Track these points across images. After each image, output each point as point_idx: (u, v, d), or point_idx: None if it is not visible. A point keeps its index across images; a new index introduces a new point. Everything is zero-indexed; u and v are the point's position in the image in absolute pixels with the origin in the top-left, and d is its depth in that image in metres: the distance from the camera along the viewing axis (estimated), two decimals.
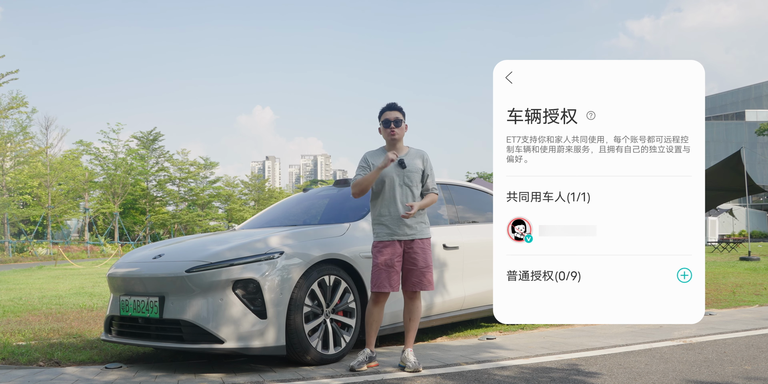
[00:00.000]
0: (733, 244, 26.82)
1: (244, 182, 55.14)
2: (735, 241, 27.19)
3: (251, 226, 5.40)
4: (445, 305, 5.04)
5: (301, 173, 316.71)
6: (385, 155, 3.97)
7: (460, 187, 5.87)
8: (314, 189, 5.99)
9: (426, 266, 3.97)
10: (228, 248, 4.04)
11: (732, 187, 21.79)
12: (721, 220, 45.50)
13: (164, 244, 4.74)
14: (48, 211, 33.38)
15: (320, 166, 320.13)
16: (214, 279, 3.84)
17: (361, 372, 3.81)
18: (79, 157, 41.58)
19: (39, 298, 8.80)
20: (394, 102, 4.09)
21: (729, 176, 20.80)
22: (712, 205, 24.97)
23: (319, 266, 4.12)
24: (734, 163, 19.99)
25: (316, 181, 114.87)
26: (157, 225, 45.37)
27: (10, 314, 6.94)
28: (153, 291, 4.02)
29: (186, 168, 46.19)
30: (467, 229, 5.51)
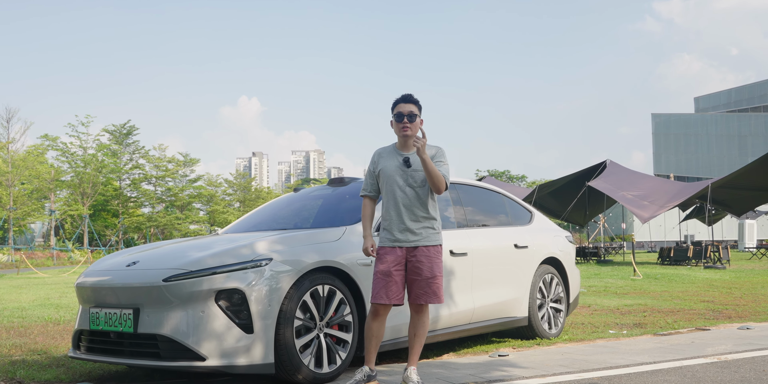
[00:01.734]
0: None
1: (228, 181, 55.18)
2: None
3: (236, 230, 5.40)
4: (452, 318, 5.04)
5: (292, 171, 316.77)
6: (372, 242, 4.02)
7: (469, 186, 5.87)
8: (306, 189, 5.98)
9: (432, 276, 3.96)
10: (210, 255, 4.03)
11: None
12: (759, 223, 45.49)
13: (139, 250, 4.74)
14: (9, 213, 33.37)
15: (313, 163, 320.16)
16: (194, 289, 3.84)
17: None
18: (44, 154, 41.60)
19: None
20: (410, 93, 4.09)
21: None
22: (750, 207, 24.98)
23: (312, 275, 4.11)
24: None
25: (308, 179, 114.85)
26: (131, 229, 45.39)
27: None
28: (126, 302, 4.01)
29: (163, 165, 46.21)
30: (477, 233, 5.51)
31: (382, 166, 4.07)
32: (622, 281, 13.74)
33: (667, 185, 23.77)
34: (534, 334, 5.86)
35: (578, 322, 7.04)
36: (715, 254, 21.31)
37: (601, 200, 25.88)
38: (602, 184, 22.95)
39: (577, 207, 26.63)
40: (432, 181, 3.92)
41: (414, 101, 4.06)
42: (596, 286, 12.27)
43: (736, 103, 76.93)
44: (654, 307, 8.63)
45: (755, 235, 36.16)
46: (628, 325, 6.83)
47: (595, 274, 16.42)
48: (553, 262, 6.23)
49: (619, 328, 6.61)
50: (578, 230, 45.84)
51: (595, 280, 13.95)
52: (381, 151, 4.16)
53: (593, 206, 27.55)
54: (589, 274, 15.99)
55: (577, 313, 7.93)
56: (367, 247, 3.99)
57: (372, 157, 4.18)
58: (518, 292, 5.72)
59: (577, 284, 6.57)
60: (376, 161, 4.14)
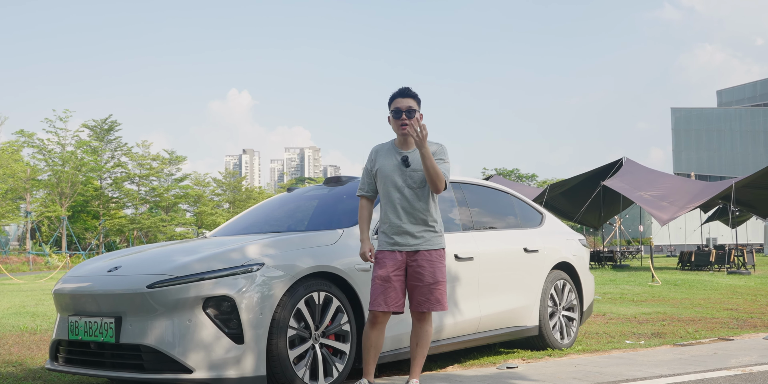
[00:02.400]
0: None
1: (217, 180, 55.19)
2: None
3: (225, 233, 5.40)
4: (457, 327, 5.04)
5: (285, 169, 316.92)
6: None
7: (475, 186, 5.88)
8: (300, 188, 5.99)
9: (434, 282, 3.97)
10: (197, 259, 4.04)
11: None
12: None
13: (121, 254, 4.74)
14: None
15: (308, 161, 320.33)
16: (180, 296, 3.84)
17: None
18: (19, 151, 41.59)
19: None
20: (407, 87, 4.09)
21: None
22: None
23: (307, 281, 4.12)
24: None
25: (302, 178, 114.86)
26: (112, 231, 45.38)
27: None
28: (108, 310, 4.02)
29: (147, 163, 46.22)
30: (484, 236, 5.52)
31: (380, 164, 4.08)
32: (639, 288, 13.74)
33: (688, 185, 23.78)
34: (545, 344, 5.86)
35: (592, 332, 7.04)
36: (740, 259, 21.31)
37: (617, 201, 25.90)
38: (618, 184, 22.96)
39: (591, 208, 26.64)
40: (431, 179, 3.92)
41: (412, 95, 4.06)
42: (612, 293, 12.27)
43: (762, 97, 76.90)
44: (674, 315, 8.63)
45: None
46: (646, 335, 6.84)
47: (611, 280, 16.43)
48: (566, 267, 6.24)
49: (636, 338, 6.61)
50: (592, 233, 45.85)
51: (611, 287, 13.95)
52: (379, 149, 4.16)
53: (608, 207, 27.56)
54: (604, 280, 16.00)
55: (591, 322, 7.93)
56: (365, 251, 3.99)
57: (369, 155, 4.18)
58: (528, 300, 5.72)
59: (591, 291, 6.57)
60: (373, 159, 4.14)
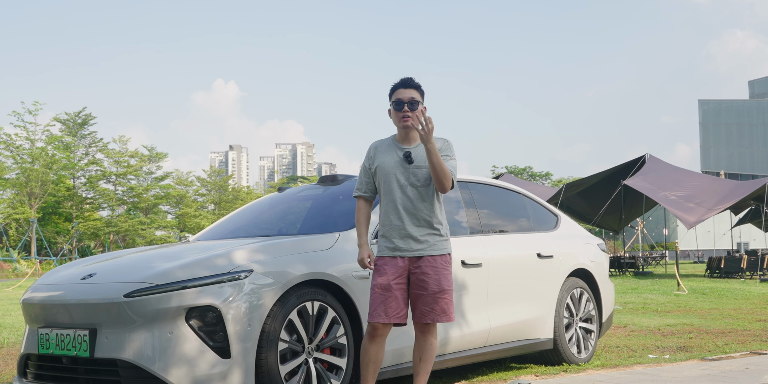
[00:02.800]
0: None
1: (201, 179, 55.24)
2: None
3: (210, 237, 5.40)
4: (464, 340, 5.04)
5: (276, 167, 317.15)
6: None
7: (484, 185, 5.88)
8: (293, 188, 5.99)
9: (440, 291, 3.97)
10: (180, 266, 4.04)
11: None
12: None
13: (96, 260, 4.74)
14: None
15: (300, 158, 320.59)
16: (161, 306, 3.84)
17: None
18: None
19: None
20: (410, 77, 4.11)
21: None
22: None
23: (300, 289, 4.12)
24: None
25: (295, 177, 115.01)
26: (86, 235, 45.41)
27: None
28: (81, 322, 4.01)
29: (125, 161, 46.25)
30: (493, 240, 5.52)
31: (380, 161, 4.08)
32: (663, 297, 13.75)
33: (717, 184, 23.80)
34: (560, 358, 5.87)
35: (612, 345, 7.04)
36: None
37: (639, 202, 25.90)
38: (641, 183, 22.97)
39: (610, 210, 26.65)
40: (437, 176, 3.92)
41: (415, 86, 4.07)
42: (633, 303, 12.28)
43: None
44: (701, 327, 8.63)
45: None
46: (671, 349, 6.84)
47: (633, 288, 16.43)
48: (583, 274, 6.24)
49: (660, 352, 6.61)
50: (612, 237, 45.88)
51: (633, 296, 13.95)
52: (378, 145, 4.17)
53: (630, 209, 27.57)
54: (625, 289, 16.00)
55: (611, 334, 7.93)
56: (363, 257, 3.99)
57: (367, 152, 4.19)
58: (542, 310, 5.72)
59: (610, 300, 6.57)
60: (372, 156, 4.14)
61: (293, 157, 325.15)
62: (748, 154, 72.52)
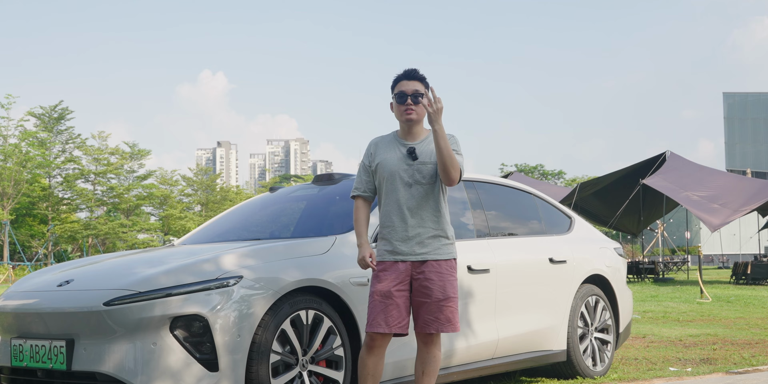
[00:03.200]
0: None
1: (187, 178, 55.30)
2: None
3: (197, 241, 5.41)
4: (470, 352, 5.05)
5: (268, 165, 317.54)
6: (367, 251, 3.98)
7: (492, 185, 5.88)
8: (286, 188, 5.99)
9: (445, 298, 3.97)
10: (164, 272, 4.04)
11: None
12: None
13: (74, 266, 4.74)
14: None
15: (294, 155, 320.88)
16: (144, 315, 3.84)
17: None
18: None
19: None
20: (414, 69, 4.12)
21: None
22: None
23: (293, 297, 4.12)
24: None
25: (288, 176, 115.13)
26: (63, 239, 45.45)
27: None
28: (58, 332, 4.02)
29: (105, 158, 46.30)
30: (502, 244, 5.52)
31: (381, 159, 4.08)
32: (685, 305, 13.75)
33: (743, 184, 23.82)
34: (574, 372, 5.87)
35: (630, 357, 7.05)
36: None
37: (659, 203, 25.92)
38: (661, 183, 22.99)
39: (628, 211, 26.67)
40: (444, 164, 3.91)
41: (419, 78, 4.09)
42: (653, 312, 12.28)
43: None
44: (726, 337, 8.63)
45: None
46: (694, 361, 6.84)
47: (652, 296, 16.44)
48: (599, 281, 6.24)
49: (682, 365, 6.61)
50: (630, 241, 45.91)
51: (652, 304, 13.96)
52: (378, 141, 4.18)
53: (649, 210, 27.59)
54: (644, 297, 16.01)
55: (629, 345, 7.94)
56: (365, 256, 3.97)
57: (367, 149, 4.20)
58: (554, 320, 5.73)
59: (628, 309, 6.57)
60: (372, 153, 4.15)
61: (286, 155, 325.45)
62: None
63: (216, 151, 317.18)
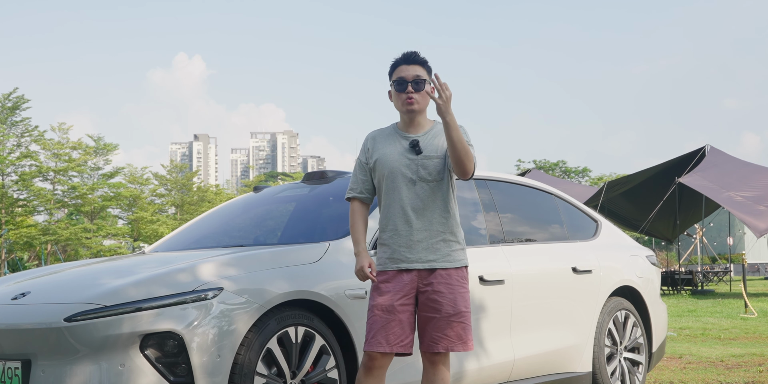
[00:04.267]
0: None
1: (160, 176, 55.27)
2: None
3: (171, 248, 5.42)
4: (482, 374, 5.06)
5: (251, 162, 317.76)
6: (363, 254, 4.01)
7: (507, 184, 5.89)
8: (272, 187, 6.00)
9: (455, 313, 3.97)
10: (133, 283, 4.05)
11: None
12: None
13: (31, 276, 4.76)
14: None
15: (282, 150, 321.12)
16: (110, 332, 3.85)
17: None
18: None
19: None
20: (415, 51, 4.13)
21: None
22: None
23: (281, 312, 4.13)
24: None
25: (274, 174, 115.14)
26: (18, 245, 45.47)
27: None
28: (12, 351, 4.02)
29: (66, 154, 46.30)
30: (518, 251, 5.53)
31: (380, 154, 4.09)
32: (728, 321, 13.75)
33: None
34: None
35: (665, 380, 7.06)
36: None
37: (697, 204, 25.92)
38: (700, 181, 22.99)
39: (662, 214, 26.67)
40: (457, 156, 3.88)
41: (420, 61, 4.09)
42: (691, 328, 12.29)
43: None
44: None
45: None
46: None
47: (690, 310, 16.44)
48: (629, 293, 6.26)
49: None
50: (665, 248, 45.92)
51: (690, 320, 13.96)
52: (376, 135, 4.18)
53: (686, 213, 27.59)
54: (681, 311, 16.01)
55: (663, 366, 7.94)
56: (363, 265, 3.98)
57: (364, 143, 4.20)
58: (578, 337, 5.74)
59: (662, 326, 6.58)
60: (369, 148, 4.15)
61: (272, 150, 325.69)
62: None
63: (193, 146, 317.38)
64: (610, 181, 28.23)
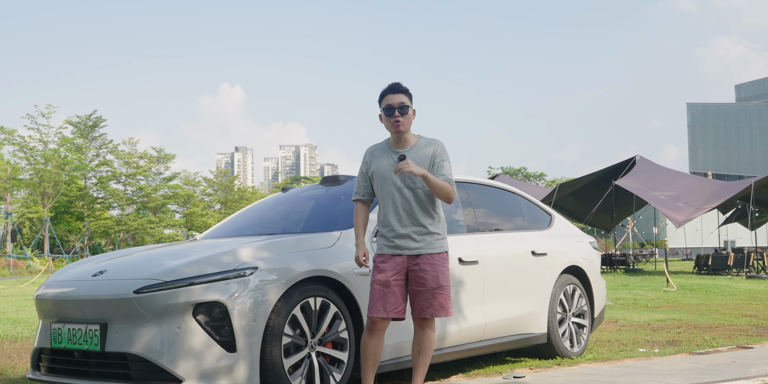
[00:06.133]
0: None
1: (208, 180, 55.21)
2: None
3: (217, 236, 5.40)
4: (461, 335, 5.04)
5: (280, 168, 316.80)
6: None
7: (481, 186, 5.87)
8: (296, 188, 5.99)
9: (438, 287, 3.97)
10: (187, 263, 4.04)
11: None
12: None
13: (107, 258, 4.74)
14: None
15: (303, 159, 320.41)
16: (169, 302, 3.84)
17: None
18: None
19: None
20: (398, 82, 4.10)
21: None
22: None
23: (303, 286, 4.12)
24: None
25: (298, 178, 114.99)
26: (97, 234, 45.40)
27: None
28: (93, 317, 4.01)
29: (134, 162, 46.23)
30: (489, 238, 5.51)
31: (376, 166, 4.09)
32: (653, 293, 13.75)
33: (705, 184, 23.80)
34: (554, 352, 5.86)
35: (604, 340, 7.04)
36: (759, 263, 21.32)
37: (629, 201, 25.90)
38: (631, 184, 22.97)
39: (602, 209, 26.65)
40: (440, 195, 3.97)
41: (403, 90, 4.07)
42: (624, 299, 12.27)
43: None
44: (690, 322, 8.63)
45: None
46: (661, 343, 6.84)
47: (623, 284, 16.43)
48: (576, 271, 6.23)
49: (650, 346, 6.61)
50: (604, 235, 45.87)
51: (623, 292, 13.95)
52: (373, 150, 4.18)
53: (621, 208, 27.57)
54: (616, 285, 16.00)
55: (603, 329, 7.93)
56: (359, 255, 4.01)
57: (363, 157, 4.20)
58: (536, 306, 5.72)
59: (602, 296, 6.57)
60: (368, 161, 4.15)
61: (296, 159, 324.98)
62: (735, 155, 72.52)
63: (234, 156, 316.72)
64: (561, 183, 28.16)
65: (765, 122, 71.89)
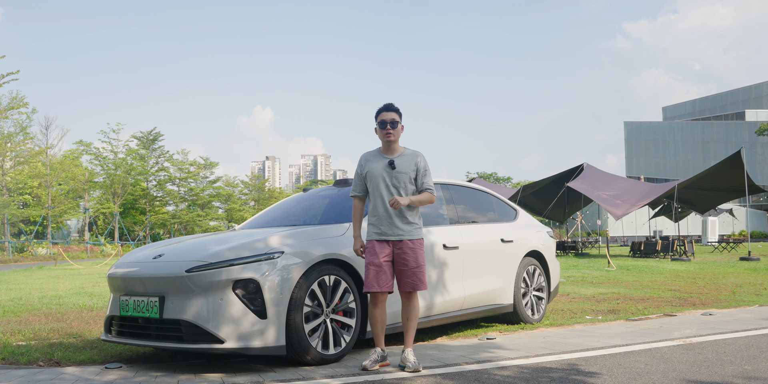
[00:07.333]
0: (733, 244, 26.80)
1: (244, 182, 55.11)
2: (735, 241, 27.18)
3: (251, 226, 5.40)
4: (445, 305, 5.04)
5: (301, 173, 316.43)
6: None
7: (460, 187, 5.87)
8: (314, 189, 5.98)
9: (417, 266, 3.98)
10: (228, 248, 4.03)
11: (732, 188, 21.81)
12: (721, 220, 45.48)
13: (164, 244, 4.74)
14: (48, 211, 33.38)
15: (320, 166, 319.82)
16: (214, 279, 3.84)
17: (360, 373, 3.81)
18: (79, 157, 41.58)
19: (39, 298, 8.80)
20: (391, 103, 4.11)
21: (729, 176, 20.82)
22: (712, 205, 24.99)
23: (319, 266, 4.12)
24: (734, 163, 20.00)
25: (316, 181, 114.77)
26: (157, 225, 45.34)
27: (10, 314, 6.94)
28: (153, 291, 4.01)
29: (186, 168, 46.17)
30: (467, 229, 5.51)
31: (369, 168, 4.09)
32: (597, 272, 13.74)
33: (638, 186, 23.75)
34: (518, 319, 5.86)
35: (558, 309, 7.04)
36: (681, 248, 21.31)
37: (578, 199, 25.88)
38: (580, 185, 22.94)
39: (557, 205, 26.63)
40: (423, 205, 4.08)
41: (395, 109, 4.08)
42: (574, 277, 12.27)
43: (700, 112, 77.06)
44: (626, 295, 8.62)
45: (717, 230, 36.16)
46: (603, 312, 6.83)
47: (573, 265, 16.42)
48: (536, 254, 6.23)
49: (594, 314, 6.61)
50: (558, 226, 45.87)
51: (574, 271, 13.95)
52: (367, 155, 4.18)
53: (572, 205, 27.54)
54: (567, 266, 15.99)
55: (557, 300, 7.93)
56: (358, 248, 4.05)
57: (359, 161, 4.19)
58: (504, 282, 5.72)
59: (557, 275, 6.56)
60: (363, 164, 4.15)
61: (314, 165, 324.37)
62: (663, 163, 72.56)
63: (265, 163, 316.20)
64: (525, 185, 28.11)
65: (687, 136, 71.91)
